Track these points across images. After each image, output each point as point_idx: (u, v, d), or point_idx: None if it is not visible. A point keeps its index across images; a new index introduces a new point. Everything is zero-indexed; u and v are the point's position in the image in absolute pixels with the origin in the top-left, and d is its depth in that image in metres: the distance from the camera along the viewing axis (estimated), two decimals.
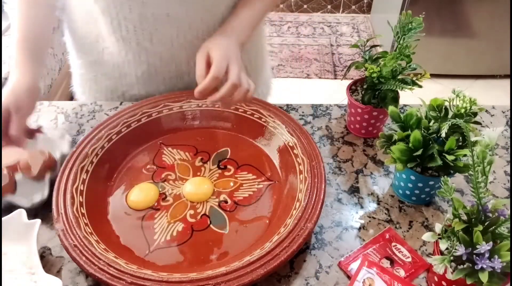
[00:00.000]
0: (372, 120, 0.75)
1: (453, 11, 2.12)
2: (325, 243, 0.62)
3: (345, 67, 2.44)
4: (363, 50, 0.74)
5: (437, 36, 2.20)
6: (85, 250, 0.54)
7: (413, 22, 0.68)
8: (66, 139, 0.72)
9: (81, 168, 0.65)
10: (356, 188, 0.70)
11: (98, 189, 0.66)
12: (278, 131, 0.72)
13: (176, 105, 0.76)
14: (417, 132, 0.59)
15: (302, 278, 0.58)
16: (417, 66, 0.71)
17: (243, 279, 0.52)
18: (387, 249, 0.61)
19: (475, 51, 2.25)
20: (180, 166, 0.71)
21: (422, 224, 0.64)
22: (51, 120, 0.81)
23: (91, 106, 0.84)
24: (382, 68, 0.69)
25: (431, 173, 0.62)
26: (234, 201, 0.66)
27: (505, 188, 0.70)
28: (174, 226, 0.62)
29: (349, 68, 0.75)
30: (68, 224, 0.57)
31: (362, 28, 2.74)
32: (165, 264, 0.58)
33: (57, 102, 0.86)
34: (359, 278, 0.56)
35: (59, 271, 0.58)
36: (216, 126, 0.77)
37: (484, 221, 0.50)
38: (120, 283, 0.51)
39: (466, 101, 0.59)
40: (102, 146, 0.69)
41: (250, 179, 0.69)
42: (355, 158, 0.75)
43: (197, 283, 0.52)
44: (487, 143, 0.48)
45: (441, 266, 0.48)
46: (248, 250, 0.58)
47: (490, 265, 0.46)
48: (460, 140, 0.61)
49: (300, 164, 0.66)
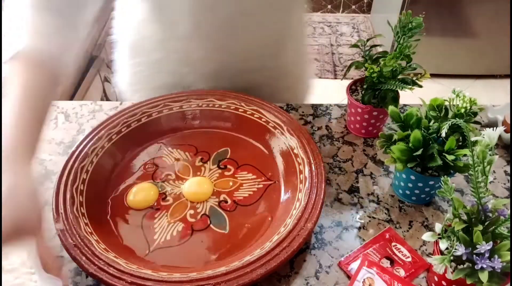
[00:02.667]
0: (372, 120, 0.75)
1: (453, 11, 2.12)
2: (325, 243, 0.62)
3: (345, 67, 2.44)
4: (363, 50, 0.74)
5: (437, 36, 2.20)
6: (85, 250, 0.54)
7: (413, 22, 0.68)
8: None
9: (81, 168, 0.65)
10: (356, 188, 0.70)
11: (98, 189, 0.66)
12: (278, 131, 0.72)
13: (176, 105, 0.76)
14: (417, 132, 0.59)
15: (302, 278, 0.58)
16: (417, 66, 0.71)
17: (243, 279, 0.52)
18: (387, 249, 0.61)
19: (475, 51, 2.25)
20: (180, 166, 0.71)
21: (422, 224, 0.64)
22: (51, 120, 0.81)
23: (91, 106, 0.84)
24: (382, 68, 0.69)
25: (431, 173, 0.62)
26: (234, 201, 0.66)
27: (505, 188, 0.70)
28: (174, 226, 0.62)
29: (349, 68, 0.75)
30: (68, 224, 0.57)
31: (362, 28, 2.74)
32: (165, 264, 0.58)
33: (57, 102, 0.86)
34: (359, 278, 0.56)
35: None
36: (216, 126, 0.77)
37: (484, 221, 0.50)
38: (120, 283, 0.51)
39: (466, 101, 0.59)
40: (102, 146, 0.69)
41: (250, 179, 0.69)
42: (355, 158, 0.75)
43: (197, 283, 0.52)
44: (487, 143, 0.48)
45: (441, 266, 0.48)
46: (248, 250, 0.58)
47: (490, 265, 0.46)
48: (460, 140, 0.61)
49: (300, 164, 0.66)
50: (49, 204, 0.66)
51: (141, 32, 0.79)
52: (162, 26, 0.76)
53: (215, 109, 0.77)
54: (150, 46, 0.80)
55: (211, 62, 0.79)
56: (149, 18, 0.76)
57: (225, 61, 0.80)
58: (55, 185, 0.62)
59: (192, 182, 0.68)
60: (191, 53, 0.78)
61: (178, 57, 0.79)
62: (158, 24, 0.76)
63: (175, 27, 0.74)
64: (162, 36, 0.77)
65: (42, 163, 0.73)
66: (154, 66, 0.83)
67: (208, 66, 0.80)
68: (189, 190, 0.67)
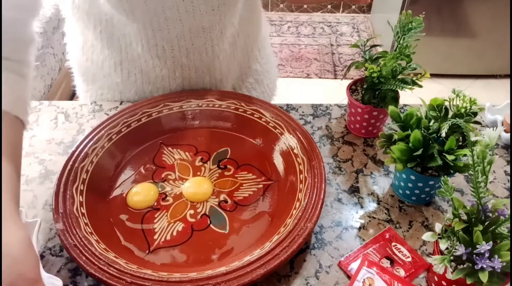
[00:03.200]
0: (372, 120, 0.75)
1: (453, 11, 2.12)
2: (325, 243, 0.62)
3: (345, 67, 2.44)
4: (363, 50, 0.74)
5: (437, 36, 2.20)
6: (85, 250, 0.54)
7: (413, 22, 0.68)
8: None
9: (81, 168, 0.65)
10: (356, 188, 0.70)
11: (98, 188, 0.66)
12: (278, 131, 0.72)
13: (176, 105, 0.77)
14: (417, 132, 0.59)
15: (302, 278, 0.58)
16: (417, 66, 0.71)
17: (243, 279, 0.52)
18: (387, 249, 0.61)
19: (475, 51, 2.25)
20: (180, 166, 0.71)
21: (422, 224, 0.64)
22: (51, 120, 0.81)
23: (91, 106, 0.84)
24: (382, 68, 0.69)
25: (431, 173, 0.62)
26: (234, 200, 0.66)
27: (505, 188, 0.70)
28: (174, 226, 0.62)
29: (349, 68, 0.75)
30: (68, 224, 0.57)
31: (362, 28, 2.74)
32: (165, 264, 0.58)
33: (57, 102, 0.86)
34: (359, 278, 0.56)
35: (59, 271, 0.58)
36: (216, 126, 0.77)
37: (484, 221, 0.50)
38: (120, 283, 0.51)
39: (466, 101, 0.59)
40: (102, 146, 0.69)
41: (250, 179, 0.69)
42: (355, 158, 0.75)
43: (197, 283, 0.52)
44: (487, 143, 0.48)
45: (441, 266, 0.48)
46: (248, 250, 0.58)
47: (490, 265, 0.46)
48: (460, 140, 0.61)
49: (300, 164, 0.66)
50: (49, 204, 0.66)
51: (94, 57, 0.78)
52: (116, 49, 0.75)
53: (215, 109, 0.77)
54: (107, 70, 0.79)
55: (175, 79, 0.79)
56: (101, 44, 0.76)
57: (191, 78, 0.79)
58: (55, 185, 0.62)
59: (192, 182, 0.68)
60: (151, 72, 0.78)
61: (139, 77, 0.79)
62: (112, 49, 0.75)
63: (129, 48, 0.74)
64: (119, 58, 0.76)
65: (42, 163, 0.73)
66: (117, 88, 0.83)
67: (175, 82, 0.79)
68: (189, 190, 0.67)
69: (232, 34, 0.79)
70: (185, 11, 0.69)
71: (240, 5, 0.77)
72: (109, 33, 0.73)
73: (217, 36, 0.76)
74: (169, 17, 0.69)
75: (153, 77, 0.78)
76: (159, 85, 0.80)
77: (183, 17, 0.70)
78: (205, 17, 0.72)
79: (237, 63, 0.85)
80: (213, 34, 0.75)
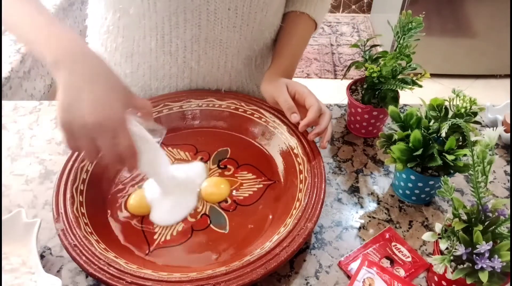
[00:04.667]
0: (372, 120, 0.75)
1: (453, 11, 2.12)
2: (325, 242, 0.62)
3: (345, 67, 2.44)
4: (363, 50, 0.74)
5: (437, 36, 2.20)
6: (85, 250, 0.54)
7: (413, 22, 0.68)
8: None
9: (81, 168, 0.65)
10: (356, 188, 0.70)
11: (98, 189, 0.66)
12: (278, 131, 0.72)
13: (176, 105, 0.76)
14: (417, 131, 0.59)
15: (302, 278, 0.58)
16: (417, 66, 0.71)
17: (243, 279, 0.52)
18: (387, 249, 0.61)
19: (475, 51, 2.25)
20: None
21: (422, 224, 0.64)
22: (51, 120, 0.81)
23: None
24: (382, 68, 0.69)
25: (431, 173, 0.62)
26: (234, 200, 0.66)
27: (505, 188, 0.70)
28: (174, 226, 0.62)
29: (349, 68, 0.75)
30: (68, 223, 0.57)
31: (362, 28, 2.74)
32: (165, 264, 0.58)
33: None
34: (359, 277, 0.56)
35: (59, 271, 0.58)
36: (216, 126, 0.77)
37: (484, 221, 0.50)
38: (120, 282, 0.51)
39: (466, 101, 0.59)
40: None
41: (250, 179, 0.69)
42: (355, 158, 0.75)
43: (197, 283, 0.52)
44: (487, 143, 0.48)
45: (441, 266, 0.48)
46: (248, 250, 0.58)
47: (490, 265, 0.46)
48: (460, 140, 0.61)
49: (300, 164, 0.66)
50: (49, 204, 0.66)
51: (108, 44, 0.78)
52: (129, 39, 0.75)
53: (215, 109, 0.77)
54: (118, 59, 0.79)
55: (183, 79, 0.79)
56: (116, 31, 0.75)
57: (199, 83, 0.79)
58: (55, 185, 0.62)
59: (209, 182, 0.68)
60: (160, 70, 0.77)
61: (148, 72, 0.79)
62: (125, 38, 0.75)
63: (142, 42, 0.74)
64: (131, 49, 0.76)
65: (42, 163, 0.73)
66: (125, 80, 0.82)
67: (182, 82, 0.79)
68: (207, 190, 0.66)
69: (249, 56, 0.79)
70: (206, 20, 0.70)
71: (267, 35, 0.78)
72: (125, 22, 0.73)
73: (232, 53, 0.76)
74: (189, 19, 0.69)
75: (162, 75, 0.78)
76: (166, 84, 0.79)
77: (203, 25, 0.70)
78: (225, 33, 0.72)
79: (254, 84, 0.85)
80: (229, 51, 0.75)
